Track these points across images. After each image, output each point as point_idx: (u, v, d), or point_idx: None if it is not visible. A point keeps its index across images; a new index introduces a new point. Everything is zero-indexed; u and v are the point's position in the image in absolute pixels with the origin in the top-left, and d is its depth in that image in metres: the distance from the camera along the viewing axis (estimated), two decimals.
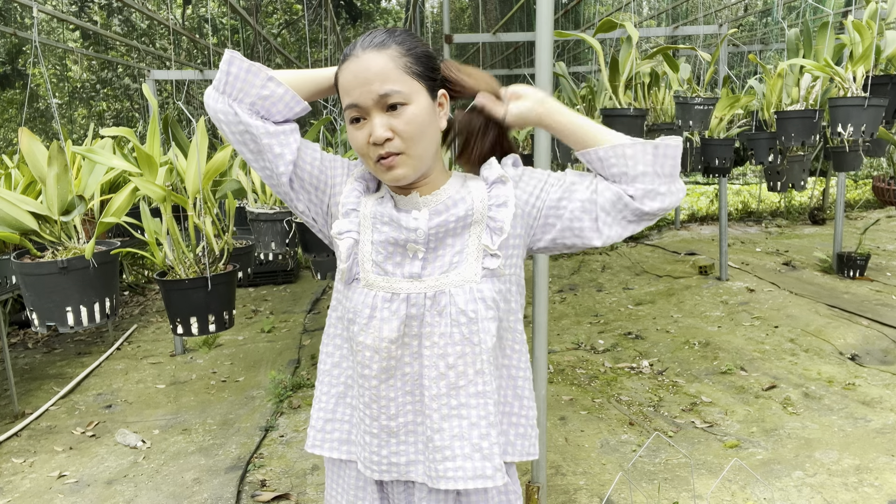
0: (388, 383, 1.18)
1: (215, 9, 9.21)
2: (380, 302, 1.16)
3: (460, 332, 1.14)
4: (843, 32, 3.16)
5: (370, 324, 1.16)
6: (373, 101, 1.07)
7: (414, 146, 1.09)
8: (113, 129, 2.09)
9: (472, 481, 1.16)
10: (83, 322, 1.88)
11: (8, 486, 2.86)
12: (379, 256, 1.16)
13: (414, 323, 1.15)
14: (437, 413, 1.16)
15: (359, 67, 1.08)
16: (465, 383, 1.16)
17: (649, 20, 8.53)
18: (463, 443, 1.16)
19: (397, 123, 1.07)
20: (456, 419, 1.16)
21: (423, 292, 1.15)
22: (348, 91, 1.09)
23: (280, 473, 2.90)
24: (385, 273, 1.16)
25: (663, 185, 1.12)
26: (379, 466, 1.22)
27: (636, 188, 1.12)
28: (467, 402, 1.16)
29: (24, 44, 7.70)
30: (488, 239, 1.15)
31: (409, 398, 1.19)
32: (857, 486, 2.58)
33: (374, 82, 1.07)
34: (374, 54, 1.08)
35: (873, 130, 2.74)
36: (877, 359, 3.85)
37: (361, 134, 1.10)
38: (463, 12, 12.17)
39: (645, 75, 3.43)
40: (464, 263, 1.15)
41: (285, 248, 2.87)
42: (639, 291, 5.59)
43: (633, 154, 1.11)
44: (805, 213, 8.28)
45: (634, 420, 3.27)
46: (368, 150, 1.10)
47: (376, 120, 1.08)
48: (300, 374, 4.04)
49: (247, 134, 1.14)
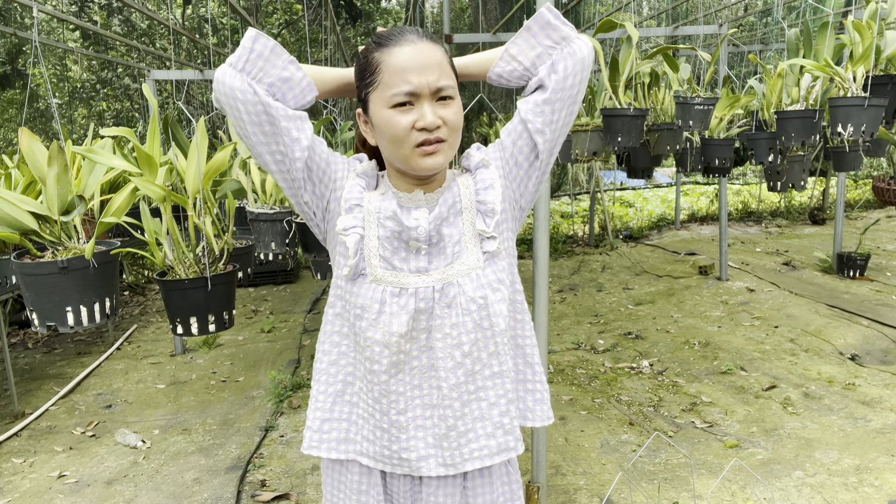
0: (397, 378, 1.19)
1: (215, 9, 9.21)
2: (388, 297, 1.17)
3: (472, 319, 1.17)
4: (843, 32, 3.16)
5: (379, 319, 1.16)
6: (430, 90, 1.09)
7: (455, 137, 1.14)
8: (113, 129, 2.09)
9: (498, 456, 1.21)
10: (83, 322, 1.88)
11: (8, 486, 2.86)
12: (386, 252, 1.18)
13: (422, 317, 1.17)
14: (457, 401, 1.19)
15: (419, 54, 1.10)
16: (481, 367, 1.19)
17: (649, 20, 8.53)
18: (485, 423, 1.20)
19: (447, 113, 1.11)
20: (475, 402, 1.20)
21: (431, 286, 1.17)
22: (402, 75, 1.09)
23: (280, 473, 2.90)
24: (393, 268, 1.18)
25: (557, 52, 1.17)
26: (391, 461, 1.22)
27: (540, 73, 1.18)
28: (485, 385, 1.20)
29: (24, 44, 7.70)
30: (482, 223, 1.18)
31: (417, 392, 1.20)
32: (857, 486, 2.58)
33: (434, 72, 1.10)
34: (432, 46, 1.12)
35: (873, 130, 2.74)
36: (877, 359, 3.85)
37: (407, 118, 1.10)
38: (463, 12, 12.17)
39: (645, 75, 3.43)
40: (465, 252, 1.18)
41: (285, 248, 2.87)
42: (639, 291, 5.59)
43: (518, 50, 1.19)
44: (805, 213, 8.28)
45: (634, 420, 3.27)
46: (409, 135, 1.10)
47: (427, 107, 1.10)
48: (300, 374, 4.04)
49: (264, 115, 1.10)
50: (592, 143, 3.70)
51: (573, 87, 1.17)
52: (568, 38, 1.17)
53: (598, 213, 8.22)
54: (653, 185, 11.83)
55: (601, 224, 7.96)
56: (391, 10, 13.23)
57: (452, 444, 1.20)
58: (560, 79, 1.16)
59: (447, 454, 1.20)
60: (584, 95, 1.21)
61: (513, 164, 1.21)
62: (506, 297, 1.19)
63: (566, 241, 7.67)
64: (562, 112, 1.18)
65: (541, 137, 1.18)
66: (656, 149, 3.83)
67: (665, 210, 9.22)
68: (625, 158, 4.34)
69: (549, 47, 1.17)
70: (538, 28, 1.17)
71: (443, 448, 1.20)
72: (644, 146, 3.84)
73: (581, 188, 11.38)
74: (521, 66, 1.19)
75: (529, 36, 1.18)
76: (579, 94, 1.19)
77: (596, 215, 8.08)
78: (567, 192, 10.66)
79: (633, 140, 3.08)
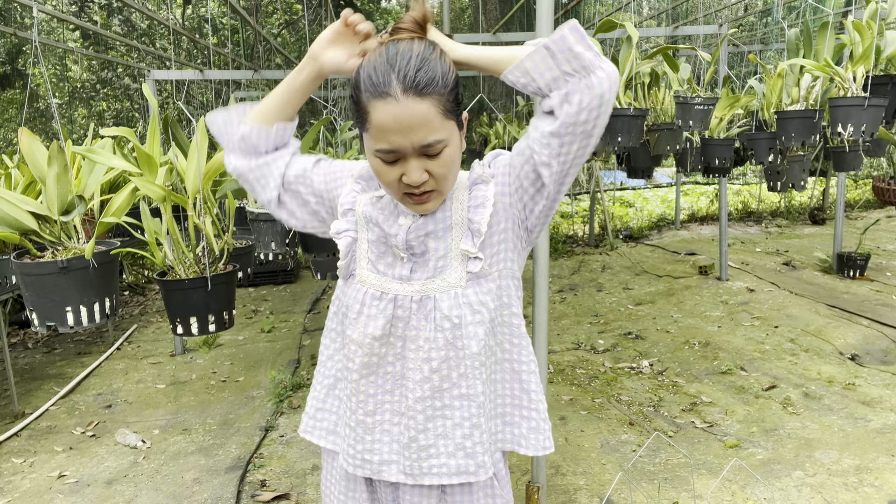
0: (368, 379, 1.21)
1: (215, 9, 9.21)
2: (369, 299, 1.19)
3: (444, 336, 1.16)
4: (843, 32, 3.16)
5: (358, 319, 1.19)
6: (413, 149, 1.04)
7: (445, 183, 1.10)
8: (113, 129, 2.09)
9: (456, 476, 1.20)
10: (83, 322, 1.88)
11: (8, 486, 2.86)
12: (373, 255, 1.20)
13: (399, 324, 1.18)
14: (421, 414, 1.19)
15: (401, 113, 1.01)
16: (449, 386, 1.18)
17: (649, 20, 8.53)
18: (447, 441, 1.19)
19: (434, 167, 1.06)
20: (440, 419, 1.19)
21: (410, 295, 1.17)
22: (385, 134, 1.03)
23: (280, 473, 2.90)
24: (378, 272, 1.20)
25: (573, 84, 1.03)
26: (354, 460, 1.25)
27: (552, 99, 1.05)
28: (451, 404, 1.19)
29: (24, 44, 7.70)
30: (468, 242, 1.14)
31: (388, 397, 1.21)
32: (857, 486, 2.58)
33: (419, 131, 1.02)
34: (417, 103, 1.01)
35: (873, 130, 2.74)
36: (877, 359, 3.85)
37: (394, 172, 1.07)
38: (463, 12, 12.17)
39: (645, 75, 3.43)
40: (448, 268, 1.16)
41: (285, 248, 2.87)
42: (639, 291, 5.59)
43: (534, 66, 1.04)
44: (805, 213, 8.28)
45: (634, 420, 3.27)
46: (397, 185, 1.08)
47: (413, 164, 1.05)
48: (300, 373, 4.04)
49: (241, 178, 1.26)
50: None
51: (587, 123, 1.04)
52: (589, 67, 1.02)
53: (598, 213, 8.22)
54: (653, 185, 11.83)
55: (601, 224, 7.96)
56: (391, 10, 13.23)
57: (413, 455, 1.20)
58: (573, 112, 1.03)
59: (408, 463, 1.21)
60: (602, 130, 1.10)
61: (518, 185, 1.14)
62: (486, 319, 1.16)
63: (566, 240, 7.67)
64: (573, 146, 1.06)
65: (546, 170, 1.08)
66: (656, 149, 3.83)
67: (665, 210, 9.22)
68: (625, 158, 4.34)
69: (567, 74, 1.03)
70: (558, 50, 1.02)
71: (405, 457, 1.21)
72: (644, 146, 3.84)
73: (581, 188, 11.38)
74: (535, 84, 1.06)
75: (548, 56, 1.03)
76: (596, 129, 1.06)
77: (596, 215, 8.08)
78: (567, 192, 10.66)
79: (633, 140, 3.08)
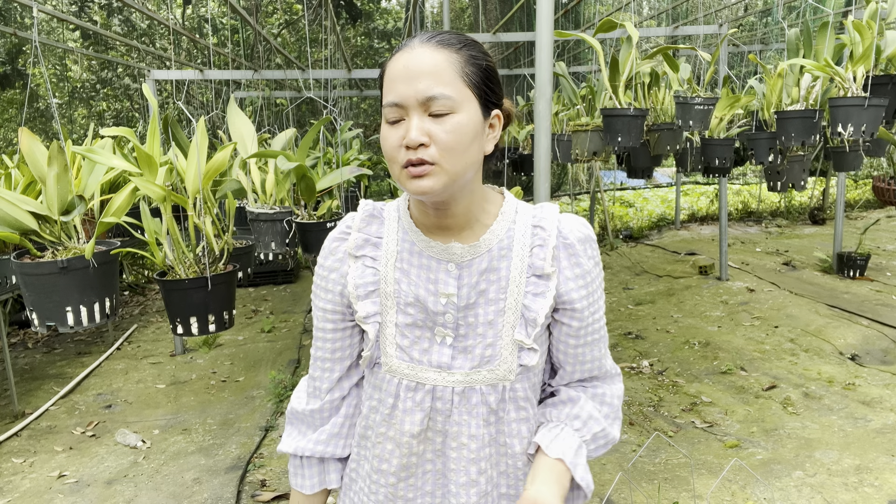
0: (407, 482, 1.06)
1: (215, 9, 9.21)
2: (403, 391, 1.04)
3: (489, 432, 1.03)
4: (843, 32, 3.16)
5: (393, 414, 1.04)
6: (416, 100, 0.91)
7: (450, 159, 0.92)
8: (113, 129, 2.09)
9: None
10: (83, 322, 1.88)
11: (8, 486, 2.86)
12: (405, 341, 1.03)
13: (439, 417, 1.04)
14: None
15: (410, 60, 0.92)
16: (491, 489, 1.07)
17: (649, 20, 8.53)
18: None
19: (437, 130, 0.91)
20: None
21: (450, 386, 1.02)
22: (392, 85, 0.93)
23: (280, 473, 2.90)
24: (411, 360, 1.03)
25: None
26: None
27: None
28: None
29: (24, 44, 7.70)
30: (522, 332, 1.00)
31: (429, 499, 1.08)
32: (857, 486, 2.58)
33: (424, 79, 0.91)
34: (431, 50, 0.92)
35: (873, 130, 2.74)
36: (877, 359, 3.85)
37: (396, 134, 0.93)
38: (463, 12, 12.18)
39: (645, 75, 3.43)
40: (497, 358, 1.01)
41: (285, 248, 2.87)
42: (639, 291, 5.59)
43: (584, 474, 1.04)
44: (805, 213, 8.28)
45: (634, 420, 3.27)
46: (398, 153, 0.93)
47: (414, 121, 0.92)
48: (300, 374, 4.04)
49: None
50: (592, 143, 3.71)
51: None
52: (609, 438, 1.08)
53: (598, 213, 8.22)
54: (653, 185, 11.83)
55: (601, 224, 7.96)
56: (391, 10, 13.23)
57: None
58: None
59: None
60: None
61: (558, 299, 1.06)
62: (529, 416, 1.05)
63: None
64: None
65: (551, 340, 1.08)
66: (656, 149, 3.83)
67: (665, 210, 9.23)
68: (625, 158, 4.34)
69: None
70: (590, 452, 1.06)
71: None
72: (644, 146, 3.85)
73: (581, 188, 11.39)
74: None
75: None
76: None
77: (596, 215, 8.08)
78: (567, 192, 10.66)
79: (633, 140, 3.08)
